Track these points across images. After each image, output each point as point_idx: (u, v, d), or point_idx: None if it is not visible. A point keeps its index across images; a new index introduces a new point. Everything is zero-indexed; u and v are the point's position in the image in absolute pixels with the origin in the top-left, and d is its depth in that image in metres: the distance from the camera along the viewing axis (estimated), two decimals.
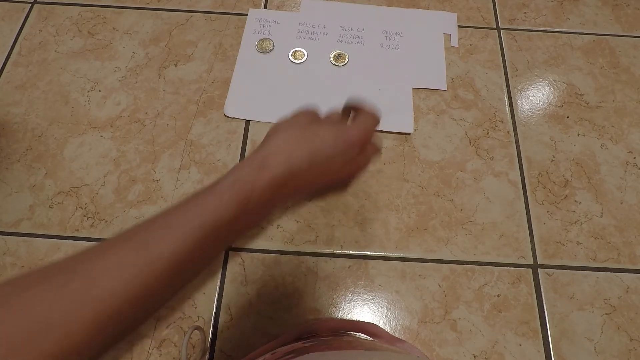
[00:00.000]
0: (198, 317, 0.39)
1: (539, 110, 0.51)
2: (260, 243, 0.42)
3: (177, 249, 0.27)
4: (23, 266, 0.41)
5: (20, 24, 0.55)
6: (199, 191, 0.30)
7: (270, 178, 0.30)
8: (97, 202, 0.44)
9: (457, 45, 0.54)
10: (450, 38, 0.55)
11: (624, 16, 0.57)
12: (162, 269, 0.26)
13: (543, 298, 0.41)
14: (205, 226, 0.28)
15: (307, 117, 0.37)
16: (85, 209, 0.44)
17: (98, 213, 0.43)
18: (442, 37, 0.55)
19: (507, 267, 0.42)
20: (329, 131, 0.34)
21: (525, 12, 0.58)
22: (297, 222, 0.43)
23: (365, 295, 0.41)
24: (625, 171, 0.47)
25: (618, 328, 0.40)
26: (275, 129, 0.34)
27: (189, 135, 0.48)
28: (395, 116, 0.49)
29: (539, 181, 0.46)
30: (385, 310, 0.40)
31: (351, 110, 0.40)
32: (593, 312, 0.40)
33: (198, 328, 0.37)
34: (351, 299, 0.40)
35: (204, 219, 0.28)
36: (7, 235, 0.42)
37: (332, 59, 0.53)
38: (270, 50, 0.53)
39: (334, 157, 0.33)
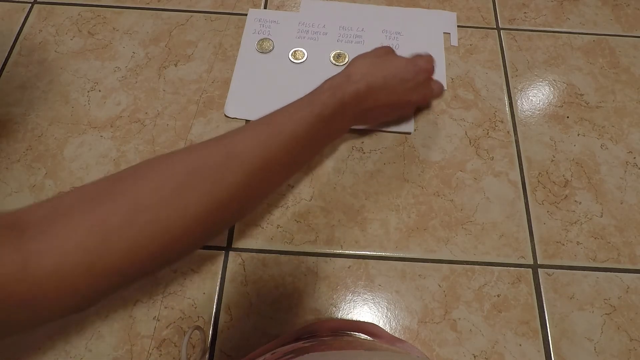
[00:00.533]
0: (198, 317, 0.39)
1: (539, 110, 0.51)
2: (260, 243, 0.42)
3: (294, 128, 0.35)
4: None
5: (20, 24, 0.55)
6: (308, 93, 0.39)
7: (355, 88, 0.39)
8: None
9: (457, 45, 0.54)
10: (450, 37, 0.55)
11: (624, 16, 0.57)
12: (285, 141, 0.34)
13: (543, 298, 0.41)
14: (313, 114, 0.36)
15: (385, 50, 0.45)
16: None
17: None
18: (442, 37, 0.55)
19: (507, 267, 0.42)
20: (402, 60, 0.43)
21: (525, 12, 0.58)
22: (297, 222, 0.43)
23: (365, 295, 0.41)
24: (625, 171, 0.47)
25: (618, 328, 0.40)
26: (358, 57, 0.42)
27: (189, 135, 0.48)
28: None
29: (539, 181, 0.46)
30: (385, 310, 0.40)
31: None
32: (593, 312, 0.40)
33: (198, 328, 0.37)
34: (351, 299, 0.40)
35: (312, 109, 0.36)
36: None
37: (332, 59, 0.53)
38: (270, 50, 0.53)
39: (405, 80, 0.41)
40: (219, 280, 0.41)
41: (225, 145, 0.33)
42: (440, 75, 0.52)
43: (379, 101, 0.41)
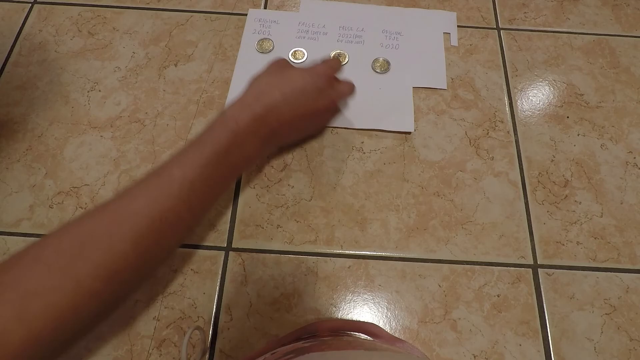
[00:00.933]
0: (198, 317, 0.39)
1: (539, 110, 0.51)
2: (260, 243, 0.42)
3: (185, 175, 0.33)
4: None
5: (20, 24, 0.55)
6: (203, 131, 0.37)
7: (251, 113, 0.36)
8: (97, 202, 0.44)
9: (457, 45, 0.54)
10: (450, 37, 0.55)
11: (624, 16, 0.57)
12: (177, 191, 0.32)
13: (543, 298, 0.41)
14: (204, 155, 0.34)
15: (278, 64, 0.42)
16: (85, 209, 0.44)
17: None
18: (442, 37, 0.55)
19: (507, 267, 0.42)
20: (297, 70, 0.41)
21: (525, 12, 0.58)
22: (297, 222, 0.43)
23: (365, 295, 0.41)
24: (625, 171, 0.47)
25: (618, 328, 0.40)
26: (252, 79, 0.41)
27: (189, 135, 0.48)
28: (396, 115, 0.49)
29: (539, 181, 0.46)
30: (385, 310, 0.40)
31: None
32: (593, 312, 0.40)
33: (198, 328, 0.37)
34: (351, 299, 0.40)
35: (202, 150, 0.34)
36: (7, 235, 0.42)
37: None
38: (270, 50, 0.53)
39: (304, 90, 0.39)
40: (219, 280, 0.41)
41: (115, 210, 0.31)
42: (440, 74, 0.52)
43: (283, 118, 0.38)
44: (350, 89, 0.45)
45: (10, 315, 0.26)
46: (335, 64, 0.44)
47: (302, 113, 0.39)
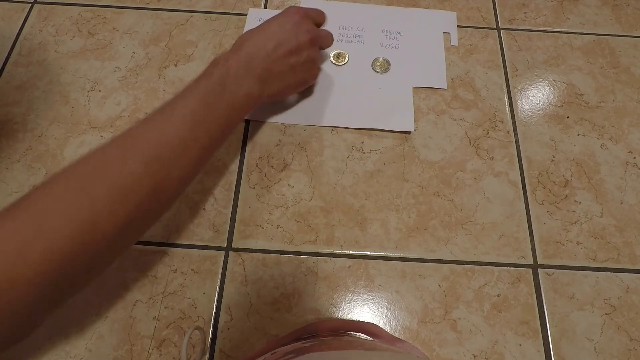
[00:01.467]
0: (198, 317, 0.39)
1: (539, 110, 0.51)
2: (260, 243, 0.42)
3: (186, 102, 0.35)
4: None
5: (20, 24, 0.55)
6: (200, 75, 0.39)
7: (237, 55, 0.39)
8: None
9: (457, 45, 0.54)
10: (450, 37, 0.55)
11: (624, 16, 0.57)
12: (181, 117, 0.34)
13: (543, 298, 0.41)
14: (202, 86, 0.37)
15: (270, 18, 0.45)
16: None
17: None
18: (442, 36, 0.55)
19: (507, 267, 0.42)
20: (274, 16, 0.44)
21: (525, 12, 0.58)
22: (297, 222, 0.43)
23: (365, 295, 0.41)
24: (625, 171, 0.47)
25: (618, 328, 0.40)
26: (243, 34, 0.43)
27: None
28: (396, 115, 0.49)
29: (539, 181, 0.46)
30: (385, 310, 0.40)
31: None
32: (593, 312, 0.40)
33: (198, 328, 0.37)
34: (351, 299, 0.40)
35: (199, 83, 0.37)
36: None
37: (332, 59, 0.53)
38: None
39: (282, 26, 0.42)
40: (219, 280, 0.41)
41: (124, 139, 0.33)
42: (440, 73, 0.52)
43: (270, 56, 0.41)
44: (328, 35, 0.48)
45: (30, 229, 0.26)
46: (314, 12, 0.46)
47: (286, 49, 0.42)
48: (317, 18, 0.47)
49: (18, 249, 0.26)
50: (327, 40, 0.48)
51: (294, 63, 0.43)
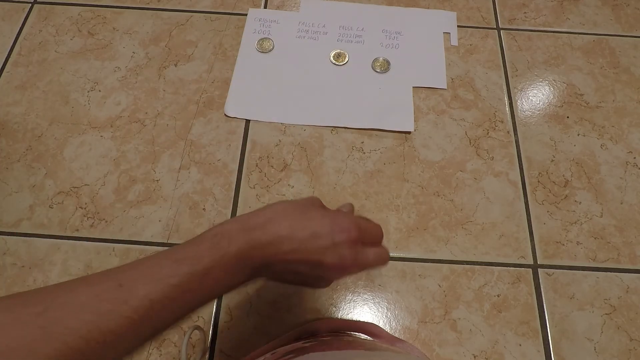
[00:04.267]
0: (198, 317, 0.39)
1: (539, 110, 0.51)
2: None
3: (150, 292, 0.27)
4: (23, 266, 0.41)
5: (20, 24, 0.55)
6: (188, 241, 0.31)
7: (249, 238, 0.31)
8: (97, 202, 0.44)
9: (457, 44, 0.54)
10: (450, 37, 0.55)
11: (624, 16, 0.57)
12: (133, 310, 0.27)
13: (543, 298, 0.41)
14: (180, 272, 0.28)
15: (310, 201, 0.36)
16: (85, 209, 0.44)
17: (98, 213, 0.43)
18: (442, 36, 0.55)
19: (507, 267, 0.42)
20: (320, 212, 0.34)
21: (525, 12, 0.58)
22: None
23: (365, 295, 0.41)
24: (625, 171, 0.47)
25: (618, 328, 0.40)
26: (277, 202, 0.35)
27: (189, 135, 0.48)
28: (396, 115, 0.49)
29: (539, 181, 0.46)
30: (385, 310, 0.40)
31: None
32: (593, 312, 0.40)
33: (198, 328, 0.37)
34: (351, 299, 0.40)
35: (180, 264, 0.29)
36: (7, 235, 0.42)
37: (332, 59, 0.53)
38: (270, 50, 0.53)
39: (316, 234, 0.32)
40: None
41: (52, 319, 0.25)
42: (440, 73, 0.52)
43: (282, 255, 0.32)
44: (378, 258, 0.35)
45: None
46: (369, 227, 0.36)
47: (302, 258, 0.33)
48: (371, 238, 0.36)
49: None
50: (368, 267, 0.35)
51: (302, 272, 0.34)
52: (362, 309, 0.40)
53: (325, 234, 0.33)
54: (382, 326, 0.39)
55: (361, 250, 0.34)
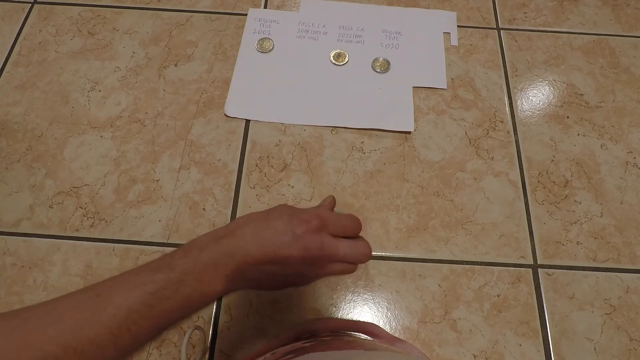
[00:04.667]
0: (198, 317, 0.39)
1: (539, 110, 0.51)
2: None
3: (126, 299, 0.28)
4: (23, 266, 0.41)
5: (20, 24, 0.55)
6: (166, 253, 0.32)
7: (218, 246, 0.32)
8: (97, 202, 0.44)
9: (457, 44, 0.54)
10: (450, 37, 0.55)
11: (624, 16, 0.57)
12: (110, 317, 0.27)
13: (543, 298, 0.41)
14: (155, 279, 0.29)
15: (278, 207, 0.36)
16: (85, 209, 0.44)
17: (98, 213, 0.43)
18: (442, 36, 0.55)
19: (507, 267, 0.42)
20: (282, 211, 0.34)
21: (525, 12, 0.58)
22: None
23: (365, 295, 0.41)
24: (625, 171, 0.47)
25: (618, 328, 0.40)
26: (244, 215, 0.35)
27: (189, 135, 0.48)
28: (396, 115, 0.49)
29: (539, 181, 0.46)
30: (385, 310, 0.40)
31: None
32: (593, 312, 0.40)
33: (198, 328, 0.37)
34: (351, 299, 0.40)
35: (155, 272, 0.30)
36: (7, 235, 0.42)
37: (332, 59, 0.53)
38: (270, 50, 0.53)
39: (277, 231, 0.33)
40: None
41: (32, 330, 0.26)
42: (440, 73, 0.52)
43: (251, 259, 0.33)
44: (351, 250, 0.34)
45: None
46: (336, 218, 0.35)
47: (270, 257, 0.33)
48: (339, 228, 0.35)
49: None
50: (340, 256, 0.34)
51: (276, 273, 0.35)
52: (362, 309, 0.40)
53: (285, 229, 0.33)
54: (382, 326, 0.39)
55: (328, 239, 0.34)
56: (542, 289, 0.41)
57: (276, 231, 0.33)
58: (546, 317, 0.40)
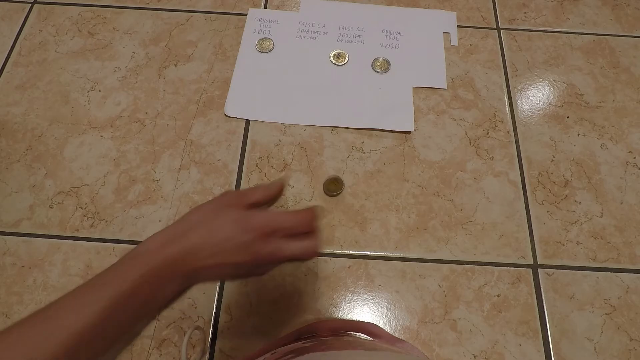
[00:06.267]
0: (198, 317, 0.39)
1: (539, 110, 0.51)
2: None
3: (77, 320, 0.27)
4: (23, 266, 0.41)
5: (20, 24, 0.55)
6: (112, 264, 0.31)
7: (168, 250, 0.32)
8: (97, 202, 0.44)
9: (457, 44, 0.54)
10: (450, 37, 0.55)
11: (624, 16, 0.57)
12: (63, 341, 0.26)
13: (543, 298, 0.41)
14: (104, 296, 0.28)
15: (221, 202, 0.36)
16: (85, 209, 0.44)
17: (98, 213, 0.43)
18: (442, 36, 0.55)
19: (507, 267, 0.42)
20: (232, 213, 0.35)
21: (525, 12, 0.58)
22: None
23: (365, 295, 0.41)
24: (625, 171, 0.47)
25: (618, 328, 0.40)
26: (192, 210, 0.35)
27: (189, 135, 0.48)
28: (396, 115, 0.49)
29: (539, 181, 0.46)
30: (385, 310, 0.40)
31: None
32: (593, 312, 0.40)
33: (198, 328, 0.37)
34: (351, 299, 0.40)
35: (102, 289, 0.29)
36: (7, 235, 0.42)
37: (332, 59, 0.53)
38: (270, 50, 0.53)
39: (226, 239, 0.33)
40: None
41: None
42: (440, 73, 0.52)
43: (202, 263, 0.33)
44: (302, 249, 0.35)
45: None
46: (285, 219, 0.35)
47: (221, 262, 0.34)
48: (293, 229, 0.35)
49: None
50: (289, 257, 0.35)
51: (229, 273, 0.35)
52: (362, 309, 0.40)
53: (235, 236, 0.34)
54: (382, 326, 0.39)
55: (278, 243, 0.35)
56: (542, 289, 0.41)
57: (225, 237, 0.33)
58: (546, 317, 0.40)
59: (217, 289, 0.40)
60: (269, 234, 0.34)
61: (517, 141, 0.48)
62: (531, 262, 0.42)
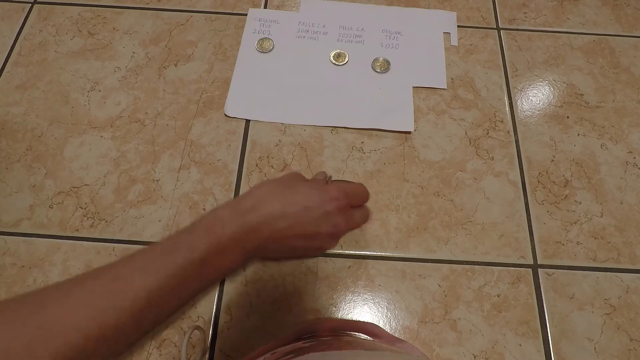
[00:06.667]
0: (198, 317, 0.39)
1: (539, 110, 0.51)
2: None
3: (147, 282, 0.27)
4: (23, 266, 0.41)
5: (20, 24, 0.55)
6: (180, 231, 0.31)
7: (242, 221, 0.31)
8: (97, 202, 0.44)
9: (457, 44, 0.54)
10: (450, 37, 0.55)
11: (624, 16, 0.57)
12: (131, 302, 0.27)
13: (543, 298, 0.41)
14: (177, 261, 0.29)
15: (291, 177, 0.37)
16: (85, 209, 0.44)
17: (98, 213, 0.43)
18: (442, 36, 0.55)
19: (507, 267, 0.42)
20: (307, 185, 0.35)
21: (525, 12, 0.58)
22: None
23: (365, 295, 0.41)
24: (625, 171, 0.47)
25: (618, 328, 0.40)
26: (261, 183, 0.35)
27: (189, 135, 0.48)
28: (396, 115, 0.49)
29: (539, 181, 0.46)
30: (385, 310, 0.40)
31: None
32: (593, 312, 0.40)
33: (198, 328, 0.37)
34: (351, 299, 0.40)
35: (176, 254, 0.29)
36: (7, 235, 0.42)
37: (332, 59, 0.53)
38: (270, 50, 0.53)
39: (308, 207, 0.33)
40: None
41: (49, 317, 0.25)
42: (440, 73, 0.52)
43: (277, 234, 0.33)
44: (363, 219, 0.38)
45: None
46: (355, 190, 0.37)
47: (298, 233, 0.34)
48: (358, 200, 0.38)
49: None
50: (357, 227, 0.39)
51: (298, 246, 0.36)
52: (362, 309, 0.40)
53: (316, 206, 0.34)
54: (382, 326, 0.39)
55: (350, 214, 0.36)
56: (542, 289, 0.41)
57: (306, 208, 0.33)
58: (546, 317, 0.40)
59: (217, 289, 0.40)
60: (347, 205, 0.36)
61: (517, 141, 0.48)
62: (531, 262, 0.42)
